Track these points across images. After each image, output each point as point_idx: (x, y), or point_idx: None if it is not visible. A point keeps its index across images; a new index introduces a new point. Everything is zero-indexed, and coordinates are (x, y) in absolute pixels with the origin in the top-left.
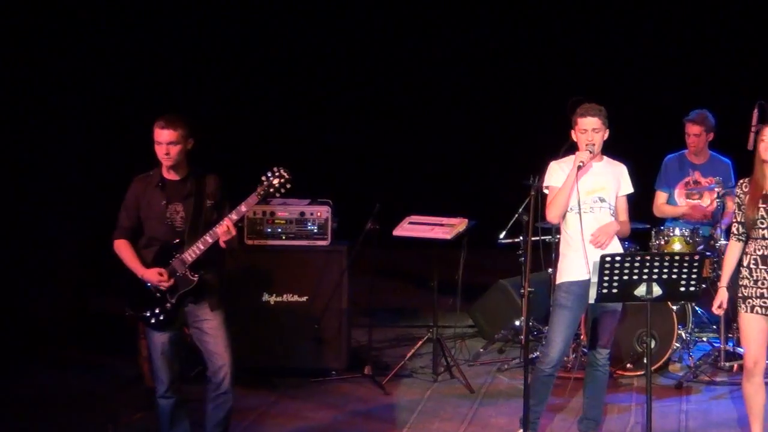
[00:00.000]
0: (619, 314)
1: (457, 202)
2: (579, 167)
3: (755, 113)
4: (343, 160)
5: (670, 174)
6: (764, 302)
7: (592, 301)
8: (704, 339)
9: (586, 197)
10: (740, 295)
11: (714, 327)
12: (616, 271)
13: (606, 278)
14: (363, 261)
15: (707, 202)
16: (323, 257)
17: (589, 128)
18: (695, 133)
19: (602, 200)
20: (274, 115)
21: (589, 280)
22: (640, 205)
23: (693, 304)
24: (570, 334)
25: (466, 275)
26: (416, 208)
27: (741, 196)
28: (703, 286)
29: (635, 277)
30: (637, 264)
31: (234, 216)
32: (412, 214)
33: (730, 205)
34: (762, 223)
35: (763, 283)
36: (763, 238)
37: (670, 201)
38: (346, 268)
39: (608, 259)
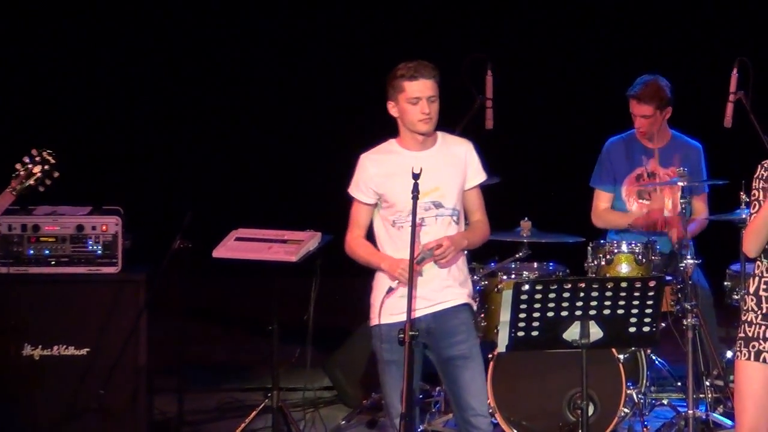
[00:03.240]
0: (480, 360)
1: (305, 210)
2: (389, 289)
3: (734, 75)
4: (139, 153)
5: (614, 164)
6: None
7: (502, 348)
8: (664, 401)
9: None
10: (741, 334)
11: (679, 384)
12: (537, 305)
13: (522, 316)
14: (170, 295)
15: (668, 204)
16: (111, 291)
17: (424, 96)
18: (644, 114)
19: (438, 205)
20: (37, 96)
21: (423, 317)
22: (572, 210)
23: (649, 351)
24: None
25: (319, 314)
26: (247, 218)
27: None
28: (663, 325)
29: (564, 314)
30: (566, 294)
31: None
32: (241, 227)
33: (699, 207)
34: None
35: None
36: None
37: (617, 204)
38: (145, 307)
39: (525, 288)
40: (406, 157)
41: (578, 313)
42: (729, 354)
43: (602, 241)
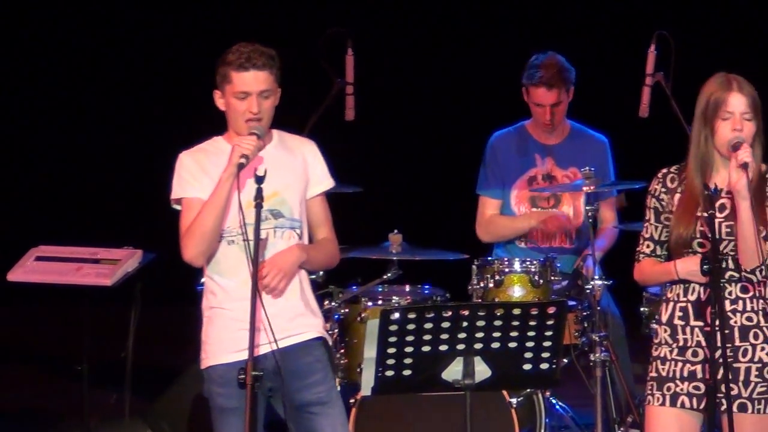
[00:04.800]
0: (341, 405)
1: (122, 223)
2: (240, 166)
3: (651, 52)
4: None
5: (502, 164)
6: (698, 387)
7: (367, 392)
8: None
9: (249, 212)
10: (653, 374)
11: None
12: (410, 338)
13: (391, 351)
14: None
15: (570, 211)
16: None
17: (255, 90)
18: (553, 102)
19: (277, 215)
20: None
21: (268, 355)
22: (452, 221)
23: (548, 393)
24: None
25: (141, 350)
26: (50, 233)
27: (664, 197)
28: (565, 361)
29: (443, 348)
30: (446, 324)
31: None
32: (42, 244)
33: (608, 215)
34: (701, 246)
35: (696, 354)
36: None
37: (506, 212)
38: None
39: (395, 317)
40: None
41: (461, 347)
42: None
43: (490, 259)
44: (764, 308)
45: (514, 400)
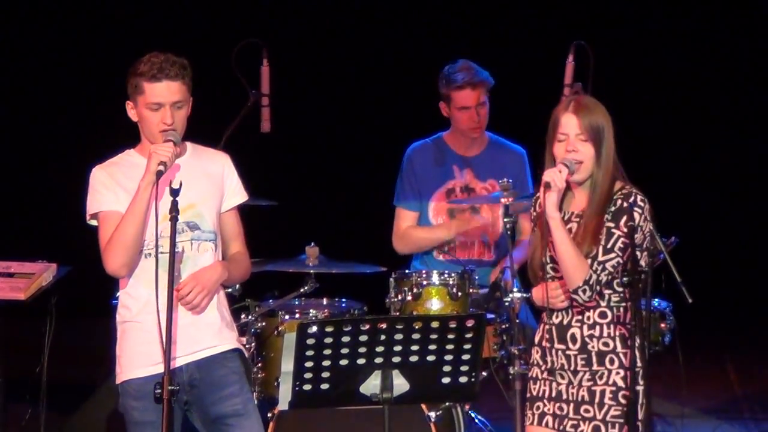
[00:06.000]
0: (258, 417)
1: (36, 235)
2: (159, 173)
3: (570, 63)
4: None
5: (419, 176)
6: (561, 408)
7: (284, 406)
8: None
9: (165, 224)
10: (528, 394)
11: None
12: (327, 352)
13: (309, 365)
14: None
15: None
16: None
17: (168, 101)
18: (477, 102)
19: (194, 227)
20: None
21: (184, 367)
22: (369, 234)
23: (467, 407)
24: None
25: (56, 364)
26: None
27: (537, 221)
28: (484, 374)
29: (361, 362)
30: (364, 337)
31: None
32: None
33: (527, 227)
34: (554, 270)
35: (563, 376)
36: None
37: (424, 224)
38: None
39: (312, 330)
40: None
41: (379, 360)
42: None
43: (407, 271)
44: (622, 333)
45: (432, 414)
